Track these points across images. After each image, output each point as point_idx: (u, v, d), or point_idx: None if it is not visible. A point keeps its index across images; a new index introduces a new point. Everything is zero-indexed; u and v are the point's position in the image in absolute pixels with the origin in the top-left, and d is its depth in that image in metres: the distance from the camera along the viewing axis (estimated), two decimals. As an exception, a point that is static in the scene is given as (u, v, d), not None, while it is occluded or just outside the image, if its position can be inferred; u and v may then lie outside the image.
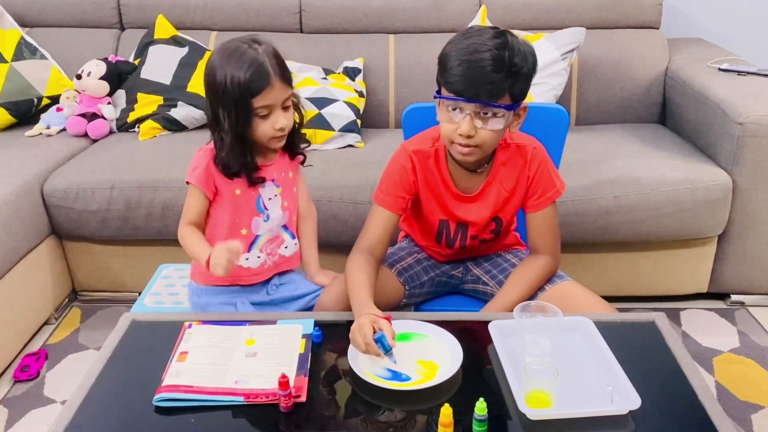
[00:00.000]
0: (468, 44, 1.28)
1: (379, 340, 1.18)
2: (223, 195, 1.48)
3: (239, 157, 1.42)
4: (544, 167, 1.48)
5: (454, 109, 1.32)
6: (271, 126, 1.40)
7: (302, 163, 1.61)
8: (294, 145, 1.55)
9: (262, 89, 1.36)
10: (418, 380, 1.16)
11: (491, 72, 1.25)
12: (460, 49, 1.28)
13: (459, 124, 1.31)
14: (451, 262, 1.66)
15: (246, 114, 1.37)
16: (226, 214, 1.50)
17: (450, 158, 1.47)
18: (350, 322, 1.29)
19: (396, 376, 1.17)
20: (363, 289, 1.35)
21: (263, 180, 1.48)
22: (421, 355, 1.22)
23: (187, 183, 1.48)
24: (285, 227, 1.58)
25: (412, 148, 1.48)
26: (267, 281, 1.59)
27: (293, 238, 1.60)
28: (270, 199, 1.52)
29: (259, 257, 1.54)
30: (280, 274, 1.61)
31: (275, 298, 1.58)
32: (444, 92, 1.32)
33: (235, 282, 1.55)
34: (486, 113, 1.30)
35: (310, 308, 1.57)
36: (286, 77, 1.40)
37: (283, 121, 1.41)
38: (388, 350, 1.18)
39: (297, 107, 1.48)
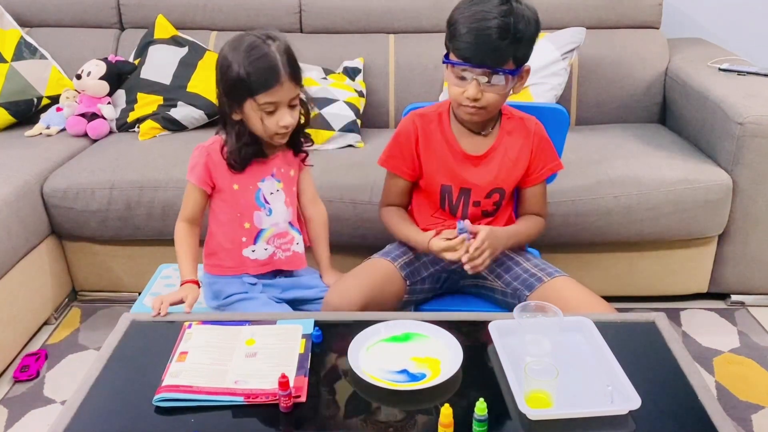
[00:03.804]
0: (475, 11, 1.36)
1: (462, 230, 1.45)
2: (222, 190, 1.52)
3: (248, 146, 1.47)
4: (546, 141, 1.59)
5: (461, 76, 1.41)
6: (276, 123, 1.43)
7: (303, 161, 1.62)
8: (297, 142, 1.58)
9: (270, 87, 1.38)
10: (424, 379, 1.15)
11: (497, 39, 1.35)
12: (467, 16, 1.37)
13: (466, 87, 1.41)
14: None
15: (252, 108, 1.41)
16: (227, 208, 1.54)
17: (454, 120, 1.55)
18: (351, 323, 1.29)
19: (411, 377, 1.17)
20: (411, 226, 1.60)
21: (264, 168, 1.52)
22: (421, 354, 1.22)
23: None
24: (291, 224, 1.60)
25: (416, 113, 1.58)
26: (276, 277, 1.61)
27: (300, 234, 1.63)
28: (272, 193, 1.55)
29: (266, 249, 1.57)
30: (288, 274, 1.63)
31: (283, 297, 1.59)
32: (452, 57, 1.41)
33: (244, 271, 1.57)
34: (491, 77, 1.39)
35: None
36: (296, 76, 1.42)
37: (288, 119, 1.43)
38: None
39: (304, 104, 1.51)
